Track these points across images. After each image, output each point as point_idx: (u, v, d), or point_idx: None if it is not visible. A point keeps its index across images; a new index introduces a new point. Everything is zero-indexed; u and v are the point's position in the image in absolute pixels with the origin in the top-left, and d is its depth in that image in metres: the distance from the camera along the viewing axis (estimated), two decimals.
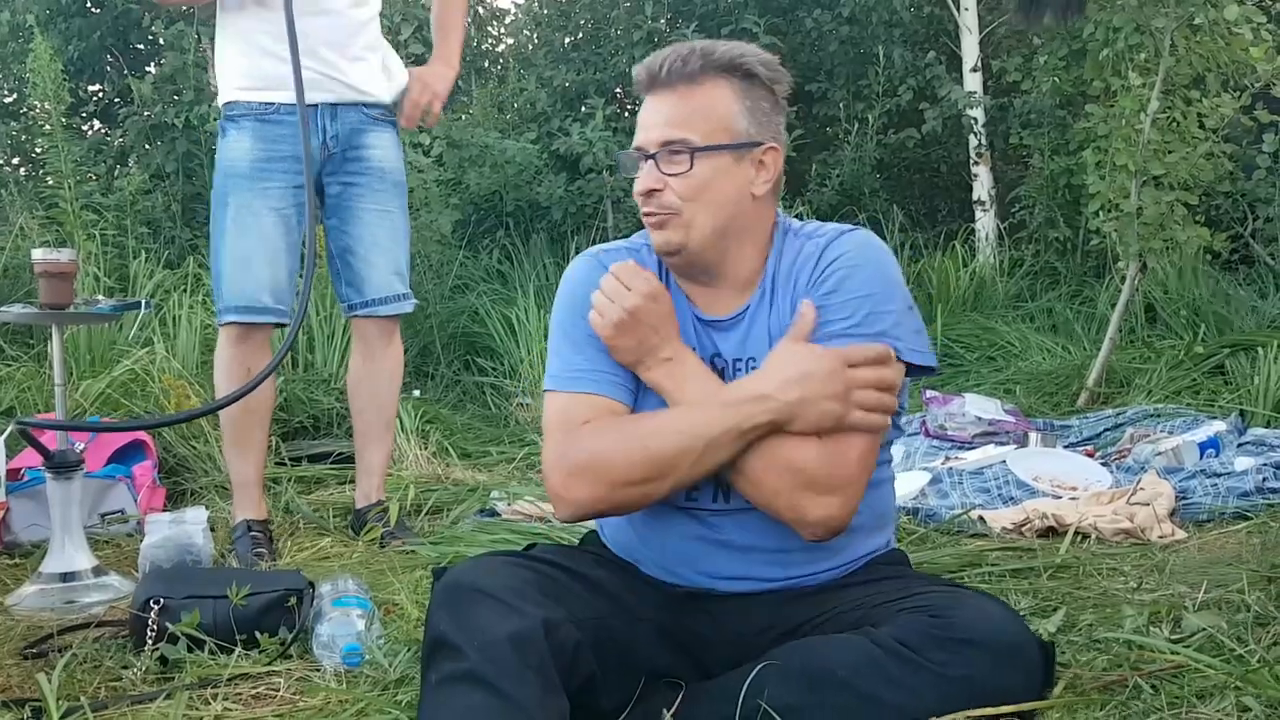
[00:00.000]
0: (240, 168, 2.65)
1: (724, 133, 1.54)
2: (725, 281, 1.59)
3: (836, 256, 1.54)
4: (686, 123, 1.53)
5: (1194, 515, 2.71)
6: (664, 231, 1.55)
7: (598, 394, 1.54)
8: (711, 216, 1.54)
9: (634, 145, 1.58)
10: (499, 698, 1.21)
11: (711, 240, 1.55)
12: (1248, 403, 3.86)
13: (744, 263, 1.58)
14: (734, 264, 1.58)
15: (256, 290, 2.65)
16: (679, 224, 1.54)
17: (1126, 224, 4.27)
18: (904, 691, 1.32)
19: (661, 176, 1.54)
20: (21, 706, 1.64)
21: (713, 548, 1.56)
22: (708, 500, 1.56)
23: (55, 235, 4.87)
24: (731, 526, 1.56)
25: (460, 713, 1.20)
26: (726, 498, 1.55)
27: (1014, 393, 4.50)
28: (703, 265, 1.58)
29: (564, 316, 1.62)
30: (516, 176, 6.12)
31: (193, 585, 2.01)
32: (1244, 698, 1.38)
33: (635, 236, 1.70)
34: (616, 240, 1.71)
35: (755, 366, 1.55)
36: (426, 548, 2.63)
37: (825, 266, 1.54)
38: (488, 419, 4.55)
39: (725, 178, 1.54)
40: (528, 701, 1.21)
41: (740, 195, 1.55)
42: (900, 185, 7.21)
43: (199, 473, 3.39)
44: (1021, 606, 1.99)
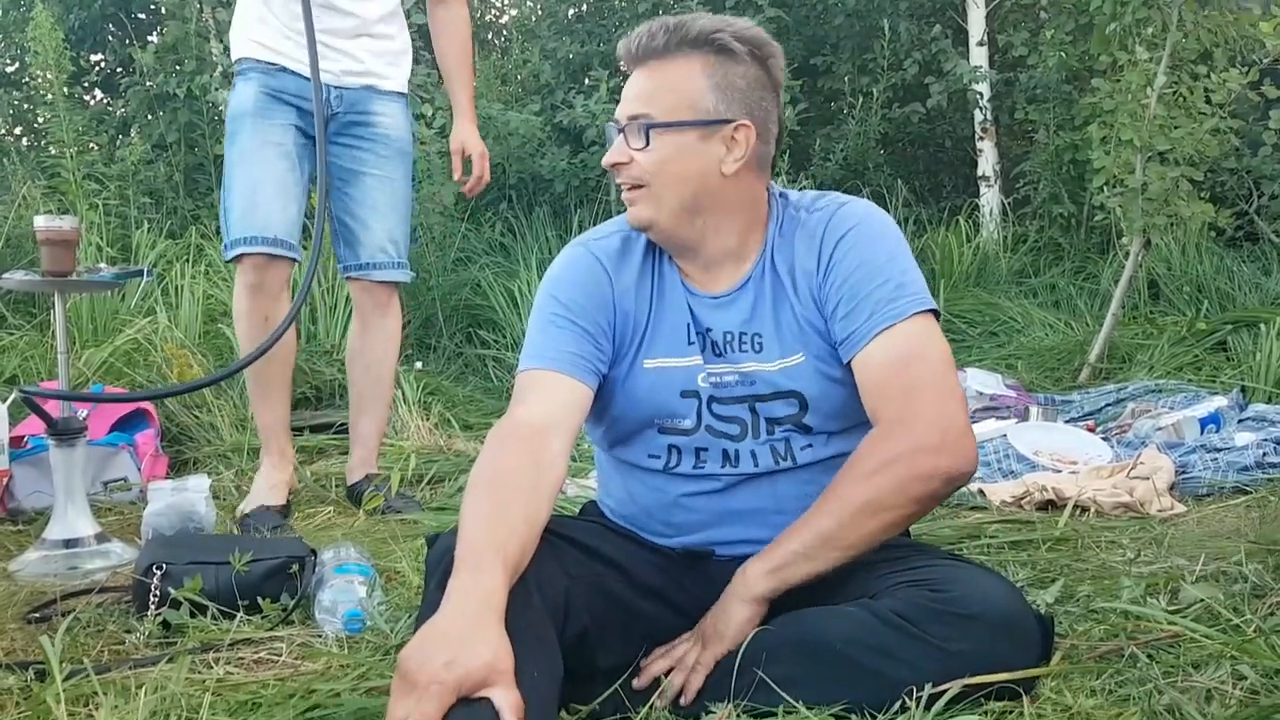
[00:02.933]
0: (245, 107, 2.67)
1: (686, 109, 1.52)
2: (708, 258, 1.58)
3: (844, 233, 1.54)
4: (650, 98, 1.53)
5: (1193, 490, 2.71)
6: (634, 207, 1.56)
7: (550, 369, 1.52)
8: (675, 193, 1.53)
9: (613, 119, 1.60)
10: None
11: (680, 217, 1.55)
12: (1249, 379, 3.87)
13: (723, 239, 1.57)
14: (713, 241, 1.57)
15: (268, 220, 2.64)
16: (648, 198, 1.54)
17: (1131, 199, 4.26)
18: (902, 665, 1.33)
19: (627, 150, 1.54)
20: (25, 669, 1.65)
21: (715, 514, 1.57)
22: (716, 466, 1.56)
23: (58, 205, 4.87)
24: (734, 491, 1.57)
25: None
26: (735, 463, 1.56)
27: (1016, 368, 4.50)
28: (680, 242, 1.58)
29: (541, 300, 1.61)
30: (519, 149, 6.09)
31: (195, 551, 2.02)
32: (1239, 666, 1.39)
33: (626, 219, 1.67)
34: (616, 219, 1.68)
35: (761, 342, 1.55)
36: (428, 517, 2.65)
37: (835, 243, 1.54)
38: (489, 391, 4.55)
39: (689, 155, 1.53)
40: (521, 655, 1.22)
41: (706, 172, 1.53)
42: (905, 160, 7.18)
43: (201, 441, 3.40)
44: (1020, 578, 2.00)
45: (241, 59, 2.72)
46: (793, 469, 1.56)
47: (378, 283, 2.82)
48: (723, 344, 1.57)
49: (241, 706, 1.50)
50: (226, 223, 2.69)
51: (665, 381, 1.57)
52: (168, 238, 5.04)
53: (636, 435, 1.60)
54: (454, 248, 5.54)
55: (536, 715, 1.19)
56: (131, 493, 2.91)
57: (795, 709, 1.32)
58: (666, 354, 1.58)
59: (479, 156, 2.94)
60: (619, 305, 1.59)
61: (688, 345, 1.57)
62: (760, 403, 1.55)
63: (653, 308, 1.59)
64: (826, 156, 6.54)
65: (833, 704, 1.33)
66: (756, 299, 1.57)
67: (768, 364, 1.55)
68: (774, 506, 1.56)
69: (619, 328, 1.58)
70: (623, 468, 1.64)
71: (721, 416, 1.56)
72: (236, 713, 1.48)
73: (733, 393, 1.56)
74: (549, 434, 1.45)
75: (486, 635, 1.17)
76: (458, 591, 1.22)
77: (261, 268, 2.65)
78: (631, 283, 1.60)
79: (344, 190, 2.76)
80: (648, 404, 1.57)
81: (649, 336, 1.58)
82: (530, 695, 1.17)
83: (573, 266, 1.61)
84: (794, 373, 1.54)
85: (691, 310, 1.58)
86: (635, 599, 1.51)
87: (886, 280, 1.51)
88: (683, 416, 1.56)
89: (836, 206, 1.58)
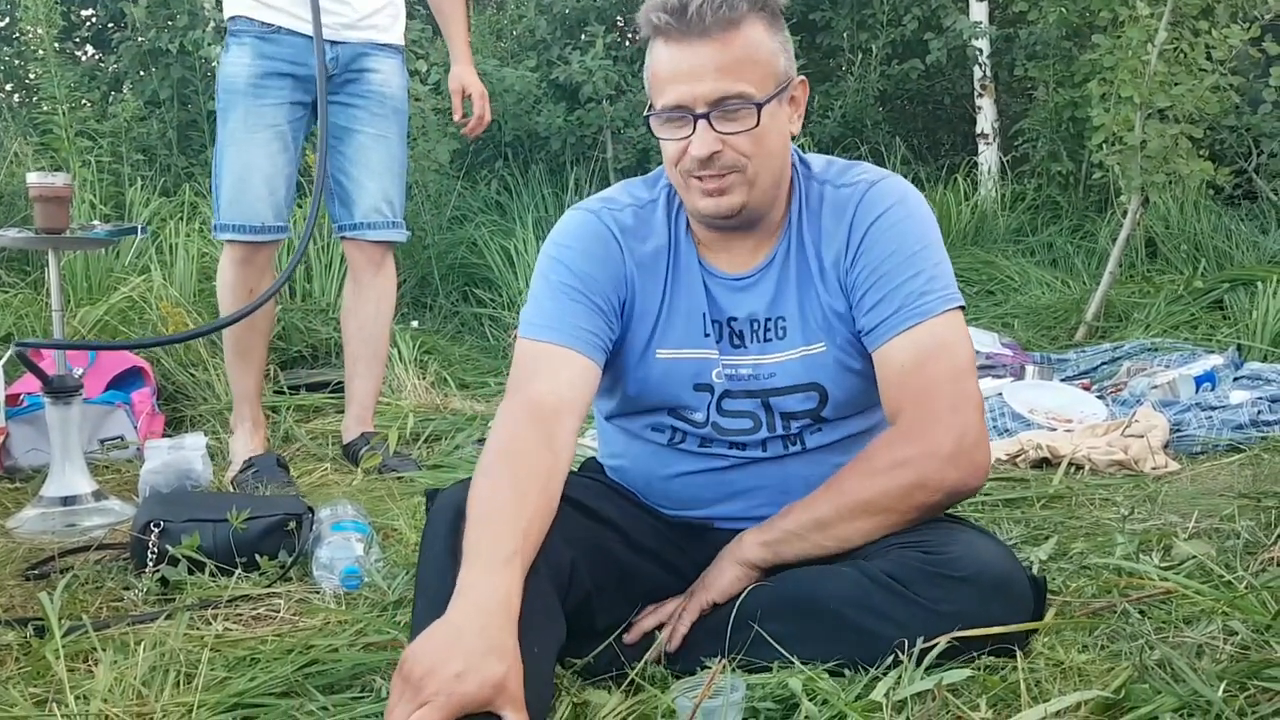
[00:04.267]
0: (239, 84, 2.64)
1: (772, 78, 1.42)
2: (759, 233, 1.50)
3: (877, 216, 1.46)
4: (738, 73, 1.39)
5: (1188, 448, 2.72)
6: (728, 196, 1.43)
7: (561, 344, 1.45)
8: (771, 170, 1.44)
9: (671, 104, 1.41)
10: None
11: (769, 194, 1.46)
12: (1245, 337, 3.87)
13: (779, 209, 1.50)
14: (770, 209, 1.49)
15: (257, 208, 2.64)
16: (741, 183, 1.42)
17: (1130, 157, 4.24)
18: (893, 624, 1.33)
19: (719, 136, 1.40)
20: (24, 625, 1.66)
21: (718, 492, 1.56)
22: (722, 449, 1.54)
23: (50, 161, 4.83)
24: (739, 471, 1.55)
25: None
26: (743, 447, 1.54)
27: (1012, 326, 4.50)
28: (751, 220, 1.48)
29: (547, 265, 1.52)
30: (515, 106, 6.04)
31: (193, 509, 2.02)
32: (1231, 622, 1.40)
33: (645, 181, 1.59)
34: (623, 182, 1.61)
35: (785, 328, 1.49)
36: (424, 475, 2.66)
37: (867, 227, 1.46)
38: (485, 350, 4.55)
39: (779, 126, 1.44)
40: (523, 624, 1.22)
41: (786, 140, 1.47)
42: (903, 117, 7.13)
43: (197, 400, 3.40)
44: (1013, 535, 2.01)
45: (235, 18, 2.67)
46: (801, 453, 1.54)
47: (372, 242, 2.81)
48: (746, 332, 1.50)
49: (240, 662, 1.51)
50: (217, 202, 2.69)
51: (678, 372, 1.51)
52: (161, 195, 5.01)
53: (645, 415, 1.57)
54: (449, 206, 5.51)
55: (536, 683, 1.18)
56: (128, 451, 2.92)
57: (789, 664, 1.33)
58: (681, 344, 1.51)
59: (479, 96, 2.93)
60: (631, 283, 1.51)
61: (704, 336, 1.51)
62: (775, 397, 1.50)
63: (668, 291, 1.51)
64: (825, 114, 6.49)
65: (826, 660, 1.34)
66: (780, 280, 1.50)
67: (789, 352, 1.50)
68: (780, 485, 1.54)
69: (630, 306, 1.51)
70: (625, 435, 1.63)
71: (730, 412, 1.52)
72: (235, 668, 1.49)
73: (746, 387, 1.51)
74: (562, 415, 1.39)
75: (502, 649, 1.12)
76: (475, 589, 1.17)
77: (249, 250, 2.66)
78: (646, 261, 1.51)
79: (338, 149, 2.74)
80: (660, 393, 1.53)
81: (663, 323, 1.51)
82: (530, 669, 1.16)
83: (584, 234, 1.51)
84: (815, 363, 1.49)
85: (710, 294, 1.51)
86: (634, 560, 1.50)
87: (918, 273, 1.44)
88: (695, 409, 1.53)
89: (868, 185, 1.49)
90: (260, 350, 2.80)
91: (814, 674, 1.30)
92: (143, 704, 1.38)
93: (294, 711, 1.34)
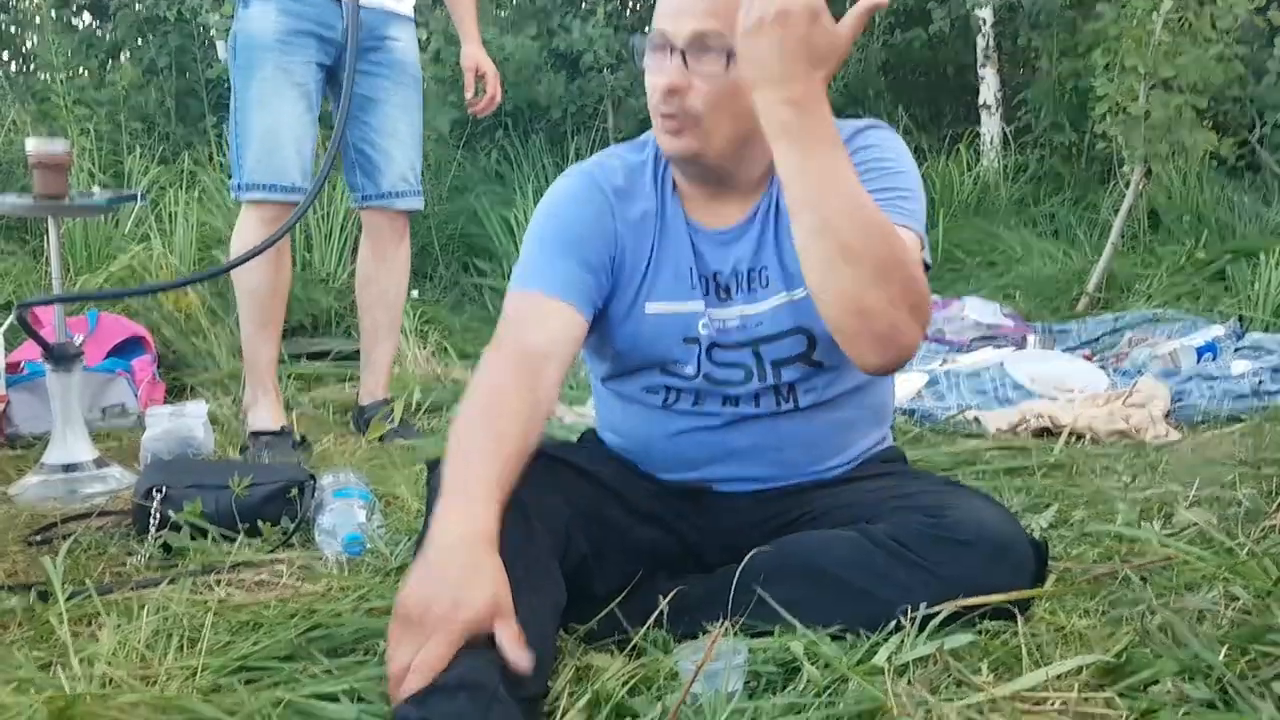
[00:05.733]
0: (266, 40, 2.58)
1: None
2: (735, 189, 1.51)
3: (857, 148, 1.44)
4: (718, 11, 1.36)
5: (1189, 417, 2.73)
6: (680, 139, 1.43)
7: (551, 295, 1.44)
8: (734, 125, 1.41)
9: (656, 30, 1.41)
10: None
11: (731, 147, 1.44)
12: (1247, 308, 3.87)
13: (755, 166, 1.49)
14: (746, 169, 1.49)
15: (285, 167, 2.60)
16: (697, 133, 1.42)
17: (1133, 127, 4.22)
18: (896, 588, 1.33)
19: (688, 75, 1.39)
20: (28, 590, 1.66)
21: (714, 452, 1.56)
22: (715, 405, 1.54)
23: (48, 130, 4.81)
24: (734, 429, 1.55)
25: None
26: (736, 404, 1.54)
27: (1014, 297, 4.50)
28: (717, 174, 1.49)
29: (540, 222, 1.52)
30: (516, 75, 6.01)
31: (194, 475, 2.02)
32: (1232, 588, 1.40)
33: (634, 145, 1.59)
34: (614, 146, 1.62)
35: (769, 277, 1.50)
36: (426, 443, 2.66)
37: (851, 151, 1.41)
38: (486, 320, 4.55)
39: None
40: (522, 581, 1.22)
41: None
42: (906, 87, 7.09)
43: (198, 368, 3.40)
44: (1014, 503, 2.01)
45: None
46: (794, 410, 1.54)
47: (399, 211, 2.81)
48: (732, 285, 1.51)
49: (243, 627, 1.52)
50: (240, 161, 2.63)
51: (667, 327, 1.52)
52: (160, 164, 4.98)
53: (637, 374, 1.57)
54: (450, 176, 5.49)
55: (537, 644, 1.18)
56: (129, 419, 2.91)
57: (791, 628, 1.34)
58: (668, 298, 1.52)
59: (492, 76, 2.94)
60: (621, 241, 1.51)
61: (690, 289, 1.51)
62: (765, 344, 1.51)
63: (655, 246, 1.52)
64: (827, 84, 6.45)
65: (828, 625, 1.34)
66: (763, 232, 1.50)
67: (773, 300, 1.50)
68: (775, 444, 1.54)
69: (619, 263, 1.51)
70: (620, 400, 1.63)
71: (722, 363, 1.52)
72: (239, 632, 1.49)
73: (734, 338, 1.51)
74: (547, 363, 1.40)
75: (487, 571, 1.15)
76: (454, 521, 1.20)
77: (279, 209, 2.63)
78: (635, 218, 1.52)
79: (363, 119, 2.72)
80: (650, 349, 1.53)
81: (650, 278, 1.52)
82: (530, 626, 1.17)
83: (575, 195, 1.53)
84: (802, 307, 1.48)
85: (695, 249, 1.52)
86: (633, 525, 1.50)
87: (890, 188, 1.42)
88: (685, 363, 1.53)
89: (854, 130, 1.49)
90: (280, 316, 2.78)
91: (816, 638, 1.31)
92: (146, 667, 1.38)
93: (298, 674, 1.34)
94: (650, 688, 1.25)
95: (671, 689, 1.24)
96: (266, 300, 2.69)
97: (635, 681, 1.26)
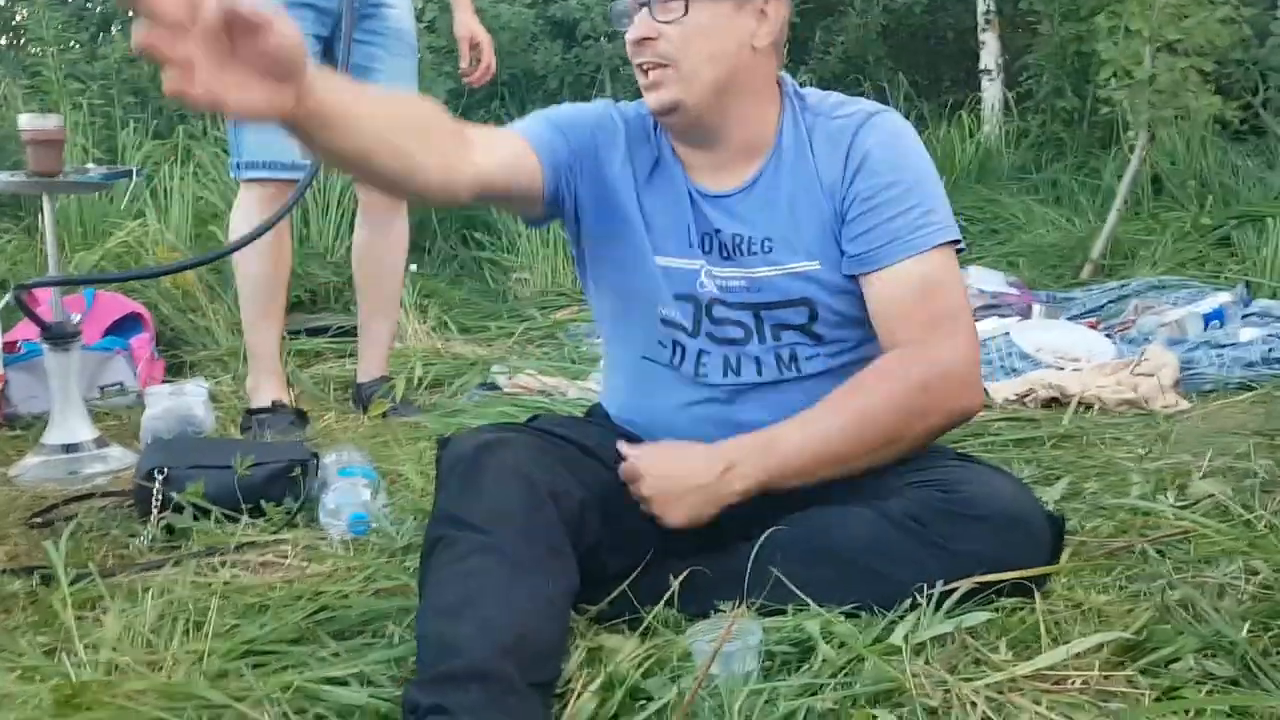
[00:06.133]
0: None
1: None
2: (730, 146, 1.50)
3: (873, 146, 1.45)
4: None
5: (1198, 386, 2.70)
6: (659, 90, 1.44)
7: (517, 134, 1.47)
8: (711, 70, 1.43)
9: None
10: (507, 562, 1.21)
11: (711, 98, 1.45)
12: (1254, 274, 3.84)
13: (749, 125, 1.49)
14: (739, 126, 1.49)
15: (286, 144, 2.56)
16: (674, 79, 1.43)
17: (1138, 92, 4.17)
18: (910, 566, 1.32)
19: (655, 24, 1.42)
20: (30, 574, 1.65)
21: (721, 423, 1.53)
22: (718, 375, 1.53)
23: (40, 104, 4.76)
24: (740, 402, 1.53)
25: (467, 576, 1.20)
26: (738, 371, 1.52)
27: (1018, 265, 4.46)
28: (704, 128, 1.48)
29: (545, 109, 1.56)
30: (511, 44, 5.94)
31: (196, 455, 2.01)
32: (1252, 562, 1.38)
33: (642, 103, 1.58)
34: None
35: (772, 245, 1.48)
36: (429, 419, 2.63)
37: (864, 156, 1.45)
38: (486, 294, 4.52)
39: (725, 27, 1.43)
40: (535, 564, 1.21)
41: (741, 48, 1.45)
42: (906, 53, 7.01)
43: (197, 346, 3.37)
44: (1025, 475, 1.99)
45: None
46: (798, 379, 1.52)
47: None
48: (729, 245, 1.50)
49: (250, 609, 1.50)
50: (239, 140, 2.60)
51: (673, 280, 1.51)
52: (154, 138, 4.93)
53: (640, 318, 1.55)
54: None
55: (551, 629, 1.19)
56: (129, 398, 2.89)
57: (805, 606, 1.32)
58: (673, 254, 1.51)
59: (487, 45, 2.91)
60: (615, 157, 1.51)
61: (689, 247, 1.51)
62: (766, 310, 1.50)
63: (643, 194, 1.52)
64: (826, 50, 6.40)
65: (843, 604, 1.33)
66: (768, 199, 1.49)
67: (778, 268, 1.48)
68: (781, 415, 1.50)
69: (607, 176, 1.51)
70: (627, 365, 1.61)
71: (722, 320, 1.51)
72: (245, 615, 1.48)
73: (739, 298, 1.50)
74: (479, 144, 1.37)
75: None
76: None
77: (280, 188, 2.59)
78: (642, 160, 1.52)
79: None
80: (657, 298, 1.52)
81: (654, 230, 1.51)
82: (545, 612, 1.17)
83: (590, 108, 1.56)
84: (806, 280, 1.48)
85: (695, 207, 1.51)
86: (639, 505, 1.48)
87: (915, 205, 1.43)
88: (687, 318, 1.52)
89: (865, 116, 1.48)
90: (283, 301, 2.74)
91: (831, 617, 1.29)
92: (153, 652, 1.37)
93: (306, 658, 1.32)
94: (664, 669, 1.24)
95: (685, 670, 1.22)
96: (268, 286, 2.67)
97: (649, 663, 1.24)
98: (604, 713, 1.17)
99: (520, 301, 4.34)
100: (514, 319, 3.98)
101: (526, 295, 4.42)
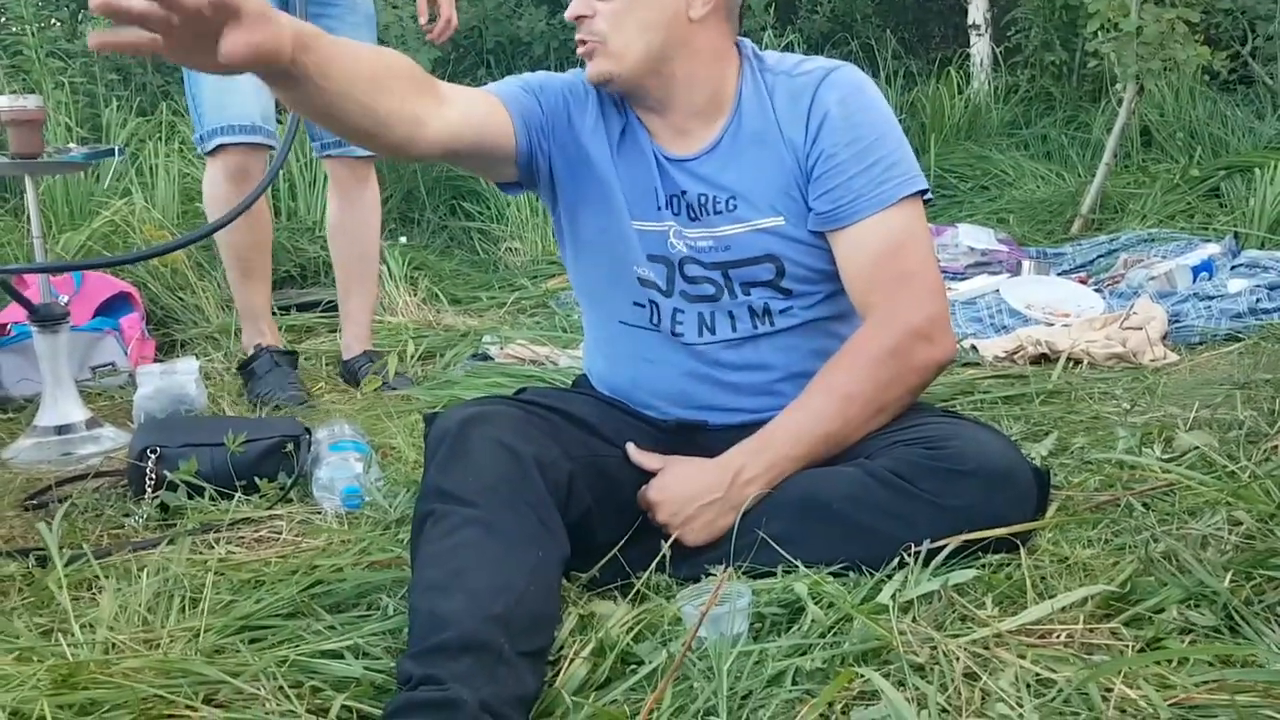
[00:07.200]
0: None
1: None
2: (684, 110, 1.52)
3: (835, 102, 1.47)
4: None
5: (1186, 338, 2.71)
6: (593, 62, 1.50)
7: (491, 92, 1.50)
8: (642, 41, 1.47)
9: None
10: (496, 534, 1.22)
11: (646, 67, 1.49)
12: (1243, 225, 3.84)
13: (699, 90, 1.51)
14: (687, 91, 1.51)
15: (244, 108, 2.55)
16: (606, 53, 1.48)
17: (1125, 43, 4.15)
18: (898, 522, 1.33)
19: (591, 3, 1.48)
20: (25, 556, 1.66)
21: (704, 381, 1.56)
22: (692, 334, 1.55)
23: (22, 84, 4.71)
24: (721, 358, 1.55)
25: (456, 549, 1.21)
26: (713, 330, 1.54)
27: (1007, 221, 4.46)
28: (646, 95, 1.52)
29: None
30: (496, 10, 5.90)
31: (189, 434, 2.01)
32: (1235, 512, 1.40)
33: None
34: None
35: (735, 203, 1.50)
36: (422, 393, 2.64)
37: (825, 113, 1.47)
38: (476, 264, 4.51)
39: (657, 3, 1.47)
40: (525, 536, 1.22)
41: (674, 18, 1.48)
42: (893, 10, 6.96)
43: (187, 324, 3.37)
44: (1014, 432, 2.00)
45: None
46: (772, 333, 1.54)
47: (359, 158, 2.76)
48: (698, 206, 1.52)
49: (245, 584, 1.51)
50: (198, 112, 2.59)
51: (645, 243, 1.54)
52: (138, 115, 4.89)
53: (618, 280, 1.57)
54: None
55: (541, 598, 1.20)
56: (120, 378, 2.89)
57: (794, 567, 1.33)
58: (644, 217, 1.54)
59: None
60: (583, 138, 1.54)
61: (657, 210, 1.53)
62: (734, 269, 1.52)
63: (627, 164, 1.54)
64: (814, 8, 6.35)
65: (831, 563, 1.34)
66: (730, 159, 1.51)
67: (744, 224, 1.51)
68: (760, 368, 1.55)
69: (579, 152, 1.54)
70: (607, 332, 1.63)
71: (696, 279, 1.53)
72: (240, 591, 1.49)
73: (708, 258, 1.52)
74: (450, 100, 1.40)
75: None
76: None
77: (243, 155, 2.58)
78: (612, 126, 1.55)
79: None
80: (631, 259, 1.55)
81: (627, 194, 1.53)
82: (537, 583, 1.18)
83: (564, 77, 1.58)
84: (772, 236, 1.50)
85: (662, 171, 1.53)
86: (633, 476, 1.50)
87: (879, 160, 1.47)
88: (660, 277, 1.54)
89: (824, 72, 1.51)
90: (265, 264, 2.77)
91: (819, 578, 1.30)
92: (149, 630, 1.38)
93: (301, 632, 1.34)
94: (654, 633, 1.25)
95: (676, 634, 1.23)
96: (247, 253, 2.70)
97: (640, 628, 1.26)
98: (595, 678, 1.19)
99: (511, 271, 4.33)
100: (505, 289, 3.98)
101: (517, 264, 4.41)
